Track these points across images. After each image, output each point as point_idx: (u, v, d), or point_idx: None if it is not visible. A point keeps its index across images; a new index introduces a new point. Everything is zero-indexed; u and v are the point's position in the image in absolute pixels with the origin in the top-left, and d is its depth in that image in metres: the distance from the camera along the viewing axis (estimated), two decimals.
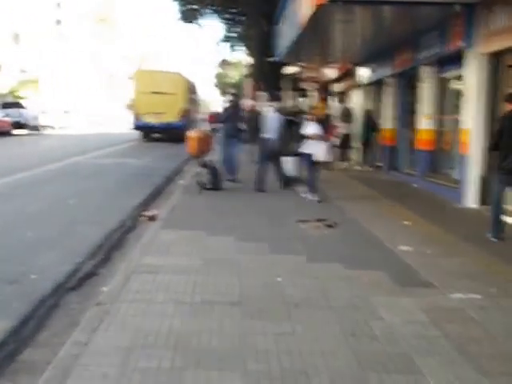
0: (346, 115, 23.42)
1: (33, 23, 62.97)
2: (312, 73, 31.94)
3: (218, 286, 6.74)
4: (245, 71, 57.08)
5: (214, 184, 14.59)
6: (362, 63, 23.28)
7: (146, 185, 15.93)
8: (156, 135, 37.43)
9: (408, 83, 18.90)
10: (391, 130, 19.91)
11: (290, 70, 35.68)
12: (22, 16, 60.04)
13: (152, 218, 11.33)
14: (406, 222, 11.05)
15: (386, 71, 20.04)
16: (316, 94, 37.32)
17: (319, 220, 10.91)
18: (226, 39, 28.79)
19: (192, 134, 14.38)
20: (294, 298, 6.42)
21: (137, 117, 35.45)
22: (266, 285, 6.85)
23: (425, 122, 16.34)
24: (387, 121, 20.21)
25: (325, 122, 26.95)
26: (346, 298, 6.50)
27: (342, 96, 30.37)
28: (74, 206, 12.46)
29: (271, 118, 15.37)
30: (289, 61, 24.59)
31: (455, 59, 14.29)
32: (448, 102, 15.99)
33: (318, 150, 13.63)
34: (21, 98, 50.95)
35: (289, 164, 16.00)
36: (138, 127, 36.19)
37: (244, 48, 29.95)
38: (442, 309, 6.29)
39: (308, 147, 13.66)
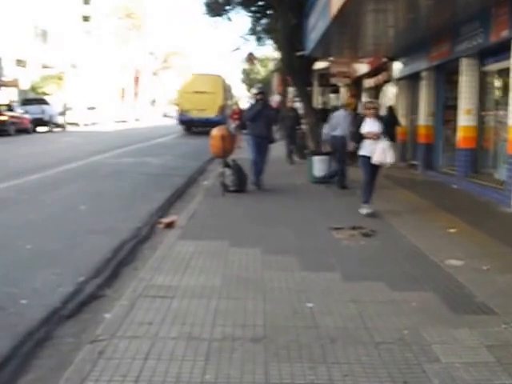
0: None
1: (60, 20, 62.38)
2: (342, 67, 30.77)
3: (240, 314, 5.71)
4: (272, 66, 56.06)
5: (239, 186, 13.58)
6: (396, 57, 22.10)
7: (165, 186, 14.98)
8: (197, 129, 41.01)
9: (446, 77, 17.73)
10: (427, 126, 18.72)
11: (319, 65, 34.57)
12: (50, 12, 59.43)
13: (170, 225, 10.37)
14: (450, 230, 9.93)
15: (421, 64, 18.86)
16: (346, 89, 36.20)
17: (354, 228, 9.85)
18: (252, 32, 27.76)
19: (215, 132, 13.34)
20: (329, 330, 5.38)
21: (181, 112, 40.92)
22: (296, 312, 5.81)
23: (465, 118, 15.16)
24: (423, 117, 19.02)
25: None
26: (393, 329, 5.43)
27: (374, 92, 29.29)
28: (84, 212, 11.48)
29: (339, 115, 15.17)
30: (318, 55, 23.44)
31: (499, 50, 13.15)
32: (491, 96, 14.82)
33: (375, 151, 11.15)
34: (45, 94, 50.16)
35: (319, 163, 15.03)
36: (182, 121, 41.42)
37: (271, 42, 28.71)
38: (509, 344, 5.20)
39: (364, 148, 11.42)
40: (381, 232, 9.70)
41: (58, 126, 44.93)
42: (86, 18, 79.38)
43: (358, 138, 11.45)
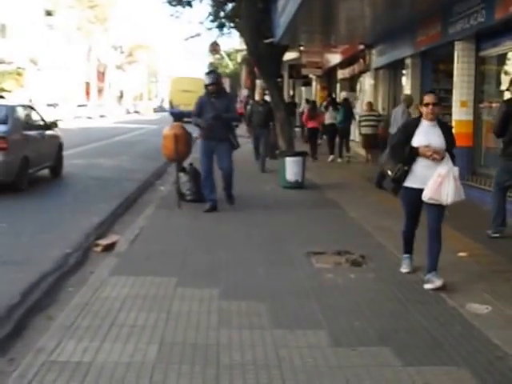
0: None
1: (20, 14, 59.50)
2: (314, 57, 28.78)
3: None
4: (240, 59, 53.86)
5: (197, 195, 11.46)
6: (374, 43, 20.12)
7: (114, 194, 12.83)
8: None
9: (434, 64, 15.78)
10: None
11: (289, 55, 32.51)
12: (8, 6, 56.57)
13: (109, 248, 8.27)
14: (461, 254, 7.90)
15: (405, 51, 16.86)
16: (318, 81, 34.25)
17: (340, 253, 7.77)
18: (214, 19, 25.51)
19: (167, 130, 11.12)
20: None
21: (172, 106, 53.33)
22: None
23: (460, 112, 13.11)
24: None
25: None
26: None
27: (349, 83, 27.38)
28: (1, 233, 9.25)
29: (397, 111, 14.61)
30: (287, 42, 21.40)
31: (501, 31, 11.22)
32: (490, 86, 12.84)
33: (431, 181, 6.37)
34: (4, 90, 47.38)
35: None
36: (172, 114, 50.95)
37: (236, 31, 26.47)
38: None
39: (414, 175, 6.58)
40: (373, 258, 7.63)
41: None
42: (49, 13, 76.61)
43: (402, 155, 6.51)
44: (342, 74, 27.22)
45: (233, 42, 53.61)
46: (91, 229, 9.59)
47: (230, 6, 24.12)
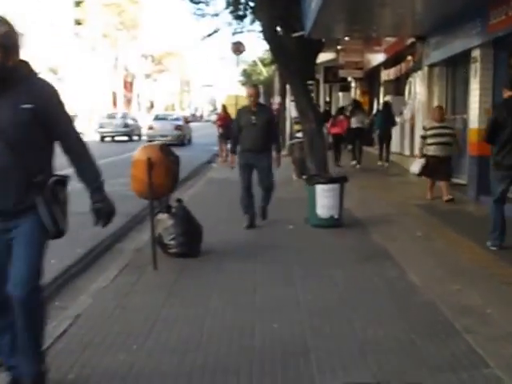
0: None
1: (44, 23, 56.98)
2: (353, 56, 25.23)
3: None
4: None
5: (187, 246, 8.00)
6: (428, 34, 16.51)
7: (81, 241, 9.34)
8: None
9: None
10: (482, 131, 12.91)
11: (325, 56, 29.06)
12: (29, 14, 54.02)
13: None
14: None
15: (471, 40, 13.25)
16: (358, 85, 30.69)
17: None
18: (233, 9, 22.33)
19: (139, 154, 7.63)
20: None
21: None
22: None
23: None
24: (474, 117, 13.34)
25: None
26: None
27: (394, 86, 23.83)
28: None
29: None
30: (320, 36, 18.00)
31: None
32: None
33: None
34: None
35: None
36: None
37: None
38: None
39: None
40: None
41: None
42: (78, 22, 74.22)
43: None
44: (386, 75, 23.60)
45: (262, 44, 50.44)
46: None
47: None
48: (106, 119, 45.18)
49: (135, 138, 43.97)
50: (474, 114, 13.28)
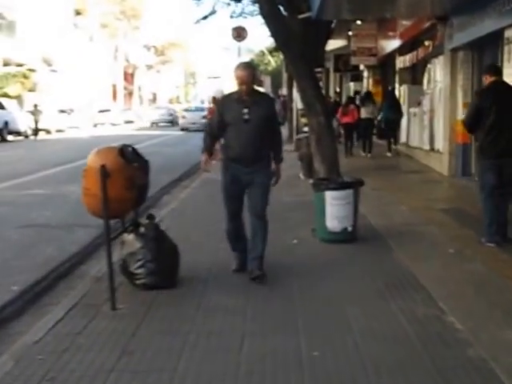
0: None
1: (37, 11, 55.20)
2: (366, 42, 23.54)
3: None
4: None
5: (159, 276, 6.38)
6: (451, 14, 14.84)
7: (31, 265, 7.85)
8: None
9: None
10: None
11: (335, 43, 27.43)
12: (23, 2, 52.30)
13: None
14: None
15: (502, 19, 11.61)
16: (371, 74, 29.06)
17: None
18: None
19: (91, 159, 5.99)
20: None
21: None
22: None
23: None
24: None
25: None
26: None
27: (410, 74, 22.26)
28: None
29: None
30: (329, 17, 16.38)
31: None
32: None
33: None
34: (7, 95, 42.86)
35: None
36: None
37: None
38: None
39: None
40: None
41: (19, 134, 37.98)
42: (78, 12, 72.75)
43: None
44: (401, 62, 21.94)
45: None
46: None
47: None
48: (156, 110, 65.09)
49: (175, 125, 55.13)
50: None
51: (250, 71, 6.69)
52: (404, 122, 21.17)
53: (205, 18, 26.15)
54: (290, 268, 7.24)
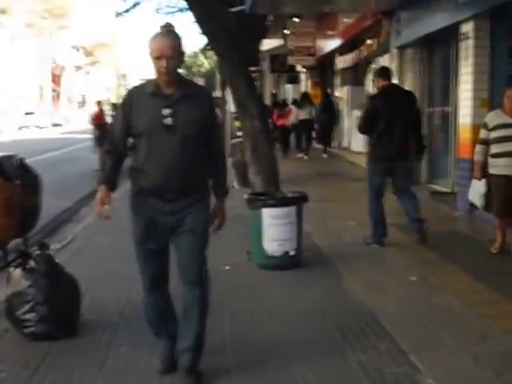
0: None
1: None
2: (304, 41, 22.51)
3: None
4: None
5: (51, 323, 5.07)
6: (398, 8, 13.87)
7: None
8: None
9: None
10: (475, 127, 10.14)
11: (270, 43, 26.49)
12: None
13: None
14: None
15: (458, 12, 10.65)
16: (309, 75, 28.14)
17: None
18: None
19: None
20: None
21: None
22: None
23: None
24: (465, 110, 10.74)
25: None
26: None
27: (352, 75, 21.40)
28: None
29: None
30: (263, 11, 15.40)
31: None
32: None
33: None
34: None
35: None
36: None
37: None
38: None
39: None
40: None
41: None
42: (3, 10, 70.56)
43: None
44: (342, 62, 21.02)
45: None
46: None
47: None
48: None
49: None
50: (466, 107, 10.69)
51: (174, 41, 4.15)
52: (346, 125, 20.44)
53: (127, 10, 25.02)
54: (220, 304, 5.90)
